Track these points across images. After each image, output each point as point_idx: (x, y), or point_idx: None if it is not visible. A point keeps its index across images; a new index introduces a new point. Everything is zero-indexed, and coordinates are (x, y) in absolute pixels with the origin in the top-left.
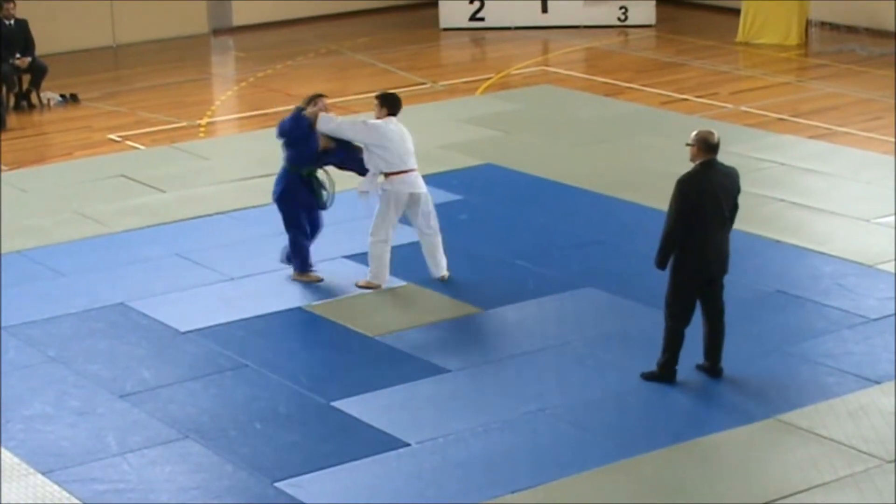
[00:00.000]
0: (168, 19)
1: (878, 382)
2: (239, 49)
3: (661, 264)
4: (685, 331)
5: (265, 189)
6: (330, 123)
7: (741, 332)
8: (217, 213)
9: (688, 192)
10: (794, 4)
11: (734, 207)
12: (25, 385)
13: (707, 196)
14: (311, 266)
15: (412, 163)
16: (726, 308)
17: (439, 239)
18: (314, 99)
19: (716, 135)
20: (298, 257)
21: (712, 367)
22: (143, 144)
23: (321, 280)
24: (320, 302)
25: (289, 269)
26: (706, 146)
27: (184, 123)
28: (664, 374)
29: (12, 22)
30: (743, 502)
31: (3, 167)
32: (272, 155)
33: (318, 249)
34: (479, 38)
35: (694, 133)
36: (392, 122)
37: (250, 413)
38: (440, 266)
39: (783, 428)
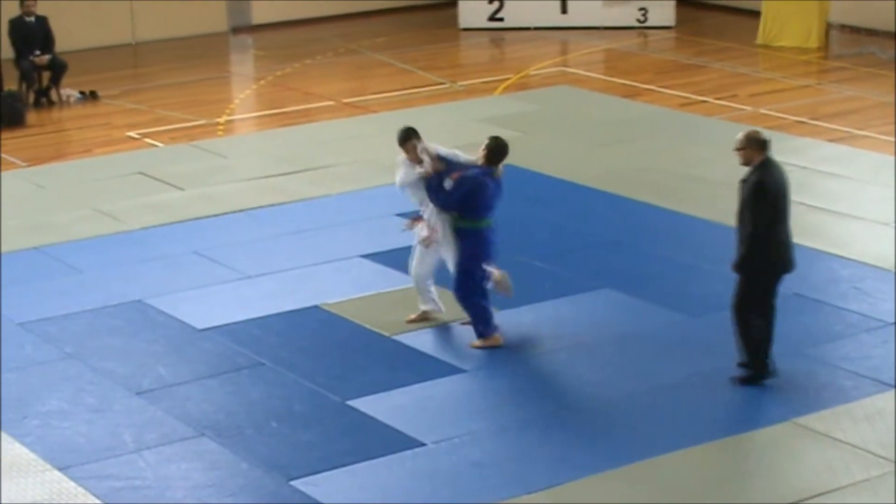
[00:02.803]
0: (187, 17)
1: (895, 387)
2: (258, 47)
3: (744, 269)
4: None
5: (283, 188)
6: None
7: None
8: (235, 212)
9: (768, 193)
10: (814, 6)
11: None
12: (42, 381)
13: (780, 193)
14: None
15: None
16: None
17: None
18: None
19: (761, 131)
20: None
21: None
22: (161, 142)
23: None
24: (337, 301)
25: (303, 268)
26: (760, 145)
27: (202, 121)
28: (764, 372)
29: (33, 19)
30: None
31: (22, 163)
32: (290, 154)
33: (336, 249)
34: (498, 39)
35: (740, 137)
36: None
37: (266, 411)
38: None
39: (800, 431)
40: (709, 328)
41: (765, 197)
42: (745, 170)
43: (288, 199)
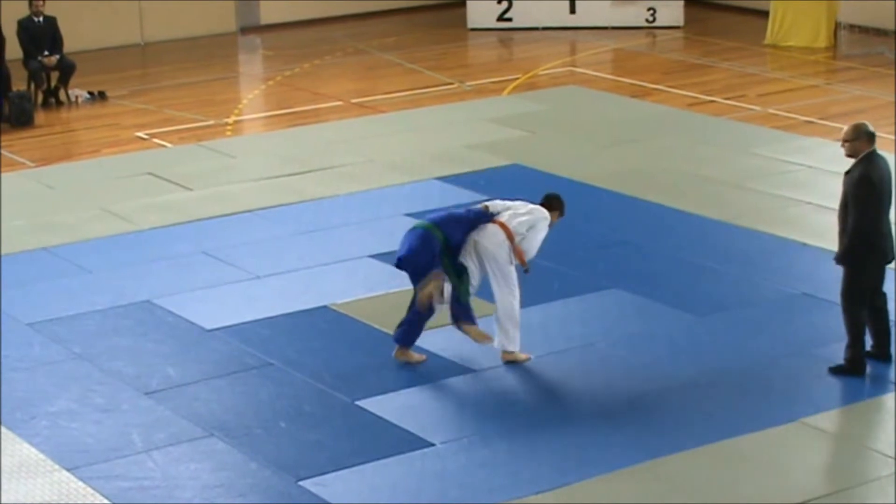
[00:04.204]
0: (196, 17)
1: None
2: (266, 47)
3: (846, 262)
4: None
5: (292, 188)
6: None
7: (766, 334)
8: (243, 212)
9: (874, 185)
10: (822, 6)
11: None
12: (50, 381)
13: (885, 183)
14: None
15: None
16: (753, 309)
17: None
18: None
19: (868, 124)
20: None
21: (883, 353)
22: (170, 142)
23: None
24: (346, 301)
25: (315, 268)
26: (869, 136)
27: (211, 122)
28: (858, 367)
29: (41, 19)
30: None
31: (30, 164)
32: (299, 154)
33: (345, 250)
34: (506, 39)
35: (848, 129)
36: None
37: (275, 411)
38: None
39: (808, 431)
40: (717, 328)
41: (871, 190)
42: (756, 172)
43: (297, 200)
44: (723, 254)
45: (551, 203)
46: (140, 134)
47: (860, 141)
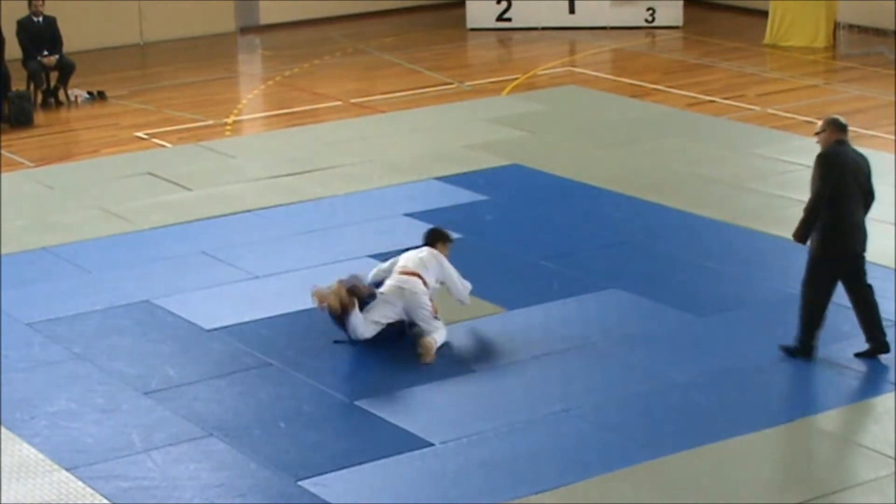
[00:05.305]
0: (195, 17)
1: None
2: (266, 47)
3: (803, 238)
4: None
5: (291, 188)
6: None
7: (766, 334)
8: (243, 212)
9: (832, 164)
10: (821, 6)
11: (869, 193)
12: (50, 381)
13: (848, 171)
14: None
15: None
16: (753, 309)
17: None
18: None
19: (841, 117)
20: None
21: (879, 344)
22: (169, 142)
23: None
24: None
25: (314, 269)
26: (837, 125)
27: (210, 122)
28: (806, 351)
29: (41, 19)
30: None
31: (29, 164)
32: (298, 154)
33: (344, 249)
34: (505, 39)
35: (820, 121)
36: None
37: (274, 411)
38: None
39: (808, 431)
40: (717, 328)
41: (826, 168)
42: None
43: (296, 199)
44: (723, 254)
45: (434, 238)
46: (139, 134)
47: (829, 131)
